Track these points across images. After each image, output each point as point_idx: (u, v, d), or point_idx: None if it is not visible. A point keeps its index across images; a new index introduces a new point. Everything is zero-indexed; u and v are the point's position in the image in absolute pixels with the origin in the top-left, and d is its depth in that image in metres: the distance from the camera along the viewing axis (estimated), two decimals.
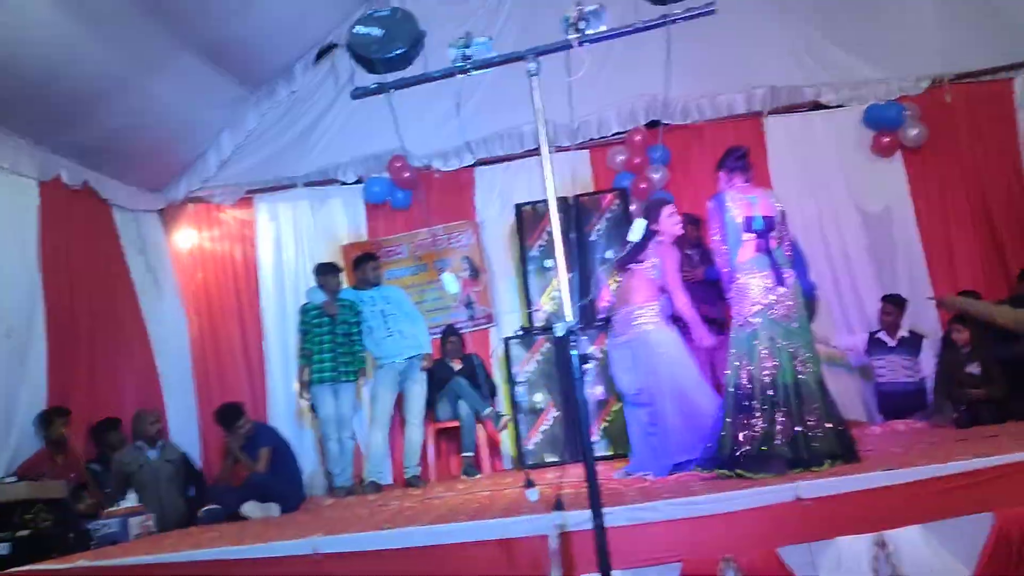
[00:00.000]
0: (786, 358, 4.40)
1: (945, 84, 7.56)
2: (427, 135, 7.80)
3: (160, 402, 7.16)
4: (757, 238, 4.53)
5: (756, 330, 4.44)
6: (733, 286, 4.56)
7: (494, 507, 4.44)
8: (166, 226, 8.02)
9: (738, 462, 4.29)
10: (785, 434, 4.31)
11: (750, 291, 4.48)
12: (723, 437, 4.46)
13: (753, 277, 4.48)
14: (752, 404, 4.38)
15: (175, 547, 4.24)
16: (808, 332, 4.55)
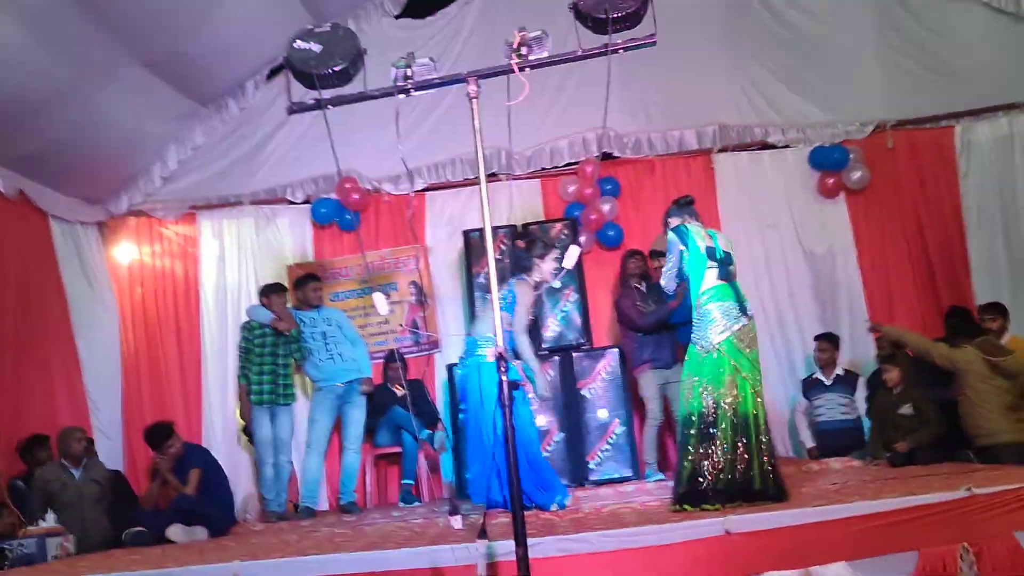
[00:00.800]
0: (747, 388, 4.43)
1: (888, 129, 7.74)
2: (379, 158, 7.78)
3: (86, 420, 6.90)
4: (719, 267, 4.58)
5: (723, 357, 4.44)
6: (696, 312, 4.56)
7: (425, 535, 4.37)
8: (106, 240, 7.81)
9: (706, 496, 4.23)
10: (744, 464, 4.30)
11: (716, 318, 4.49)
12: (685, 468, 4.39)
13: (718, 305, 4.51)
14: (715, 432, 4.36)
15: (91, 570, 4.10)
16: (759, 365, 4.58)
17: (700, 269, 4.59)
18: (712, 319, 4.49)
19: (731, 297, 4.54)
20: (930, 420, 5.88)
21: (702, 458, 4.33)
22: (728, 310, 4.50)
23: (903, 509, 3.65)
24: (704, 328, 4.50)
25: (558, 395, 6.87)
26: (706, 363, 4.45)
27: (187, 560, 4.15)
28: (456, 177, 7.99)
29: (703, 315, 4.53)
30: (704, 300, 4.53)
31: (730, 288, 4.57)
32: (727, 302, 4.52)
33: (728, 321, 4.47)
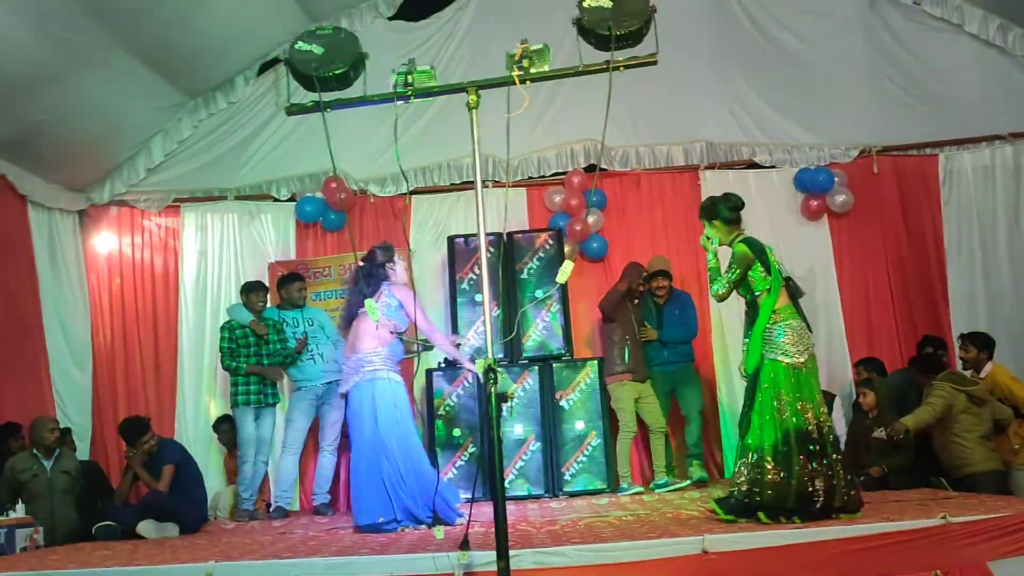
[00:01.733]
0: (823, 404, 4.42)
1: (873, 154, 7.83)
2: (366, 160, 7.78)
3: (51, 411, 6.77)
4: (787, 285, 4.52)
5: (810, 374, 4.38)
6: (773, 329, 4.41)
7: (401, 542, 4.35)
8: (85, 228, 7.73)
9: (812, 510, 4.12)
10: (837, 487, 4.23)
11: (796, 335, 4.40)
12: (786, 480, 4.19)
13: (795, 322, 4.43)
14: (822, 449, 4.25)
15: (62, 564, 4.06)
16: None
17: (777, 286, 4.45)
18: (791, 338, 4.38)
19: (800, 315, 4.50)
20: (904, 445, 5.93)
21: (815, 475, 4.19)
22: (804, 331, 4.44)
23: (878, 535, 3.67)
24: (783, 344, 4.38)
25: (536, 404, 6.88)
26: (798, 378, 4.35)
27: (160, 558, 4.11)
28: (442, 182, 7.99)
29: (778, 332, 4.39)
30: (780, 319, 4.41)
31: (797, 307, 4.51)
32: (798, 321, 4.45)
33: (805, 342, 4.42)
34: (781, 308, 4.43)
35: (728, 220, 4.69)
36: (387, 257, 5.41)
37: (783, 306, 4.44)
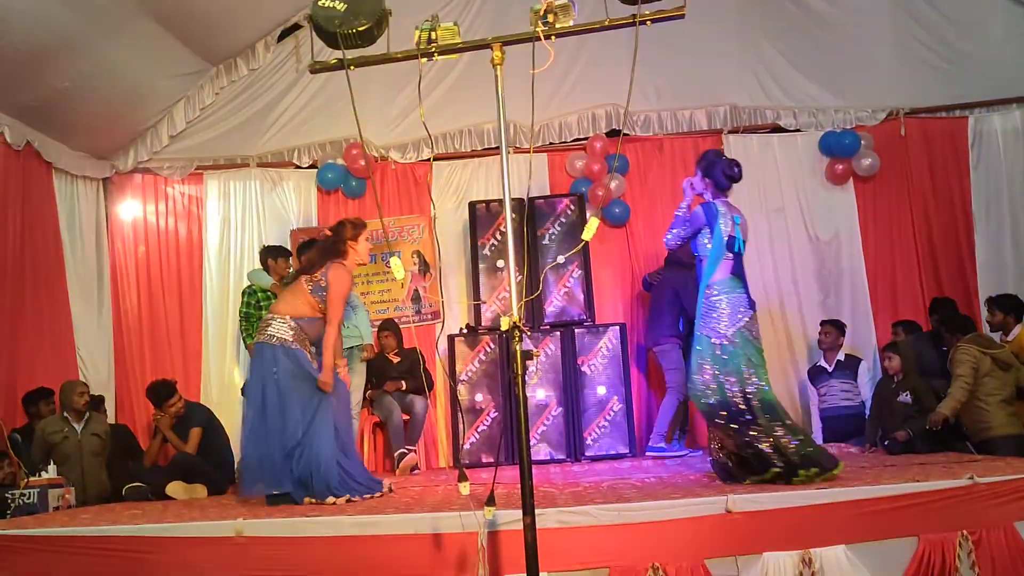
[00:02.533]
0: (763, 376, 4.44)
1: (901, 117, 7.72)
2: (387, 126, 7.77)
3: (74, 376, 6.83)
4: (735, 260, 4.55)
5: (738, 349, 4.42)
6: (705, 301, 4.51)
7: (425, 502, 4.39)
8: (110, 196, 7.79)
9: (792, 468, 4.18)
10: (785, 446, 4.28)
11: (727, 309, 4.45)
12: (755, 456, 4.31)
13: (728, 297, 4.47)
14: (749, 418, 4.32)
15: (93, 522, 4.12)
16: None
17: (717, 258, 4.51)
18: (723, 310, 4.46)
19: (741, 289, 4.52)
20: (929, 408, 5.89)
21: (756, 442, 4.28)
22: (738, 303, 4.48)
23: (904, 495, 3.65)
24: (715, 320, 4.47)
25: (558, 370, 6.90)
26: (724, 353, 4.42)
27: (188, 516, 4.18)
28: (464, 147, 7.97)
29: (712, 306, 4.49)
30: (715, 292, 4.49)
31: (741, 281, 4.54)
32: (737, 294, 4.49)
33: (739, 313, 4.46)
34: (719, 280, 4.50)
35: (719, 184, 4.68)
36: (353, 233, 5.00)
37: (721, 279, 4.50)
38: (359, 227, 5.00)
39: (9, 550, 3.78)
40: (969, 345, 5.77)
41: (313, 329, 4.87)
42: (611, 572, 3.50)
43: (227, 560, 3.63)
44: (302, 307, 4.84)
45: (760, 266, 7.66)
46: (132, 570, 3.67)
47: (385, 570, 3.56)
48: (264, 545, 3.66)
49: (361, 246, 4.99)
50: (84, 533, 3.81)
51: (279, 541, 3.67)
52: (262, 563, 3.62)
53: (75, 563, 3.71)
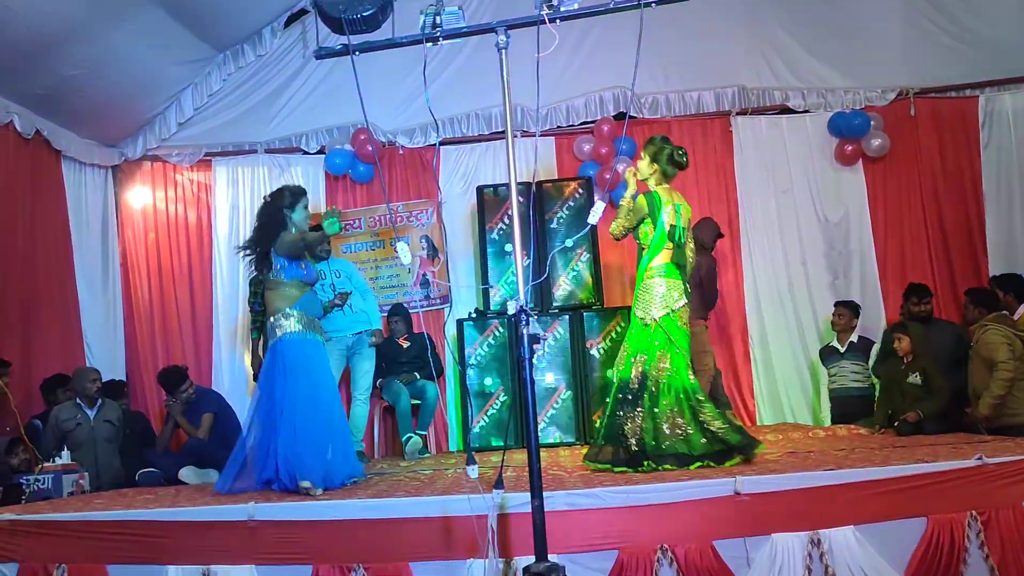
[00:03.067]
0: (683, 362, 4.52)
1: (911, 97, 7.66)
2: (394, 111, 7.77)
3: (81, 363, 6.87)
4: (675, 250, 4.61)
5: (660, 331, 4.51)
6: (642, 284, 4.62)
7: (435, 485, 4.41)
8: (119, 184, 7.83)
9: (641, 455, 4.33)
10: (681, 430, 4.39)
11: (660, 294, 4.54)
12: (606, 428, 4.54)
13: (664, 282, 4.56)
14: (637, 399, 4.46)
15: (107, 506, 4.16)
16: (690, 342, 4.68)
17: (658, 246, 4.58)
18: (656, 294, 4.54)
19: (678, 277, 4.61)
20: (938, 390, 5.88)
21: (624, 421, 4.45)
22: (672, 288, 4.56)
23: (913, 476, 3.65)
24: (647, 301, 4.57)
25: (567, 354, 6.90)
26: (644, 335, 4.53)
27: (202, 501, 4.21)
28: (471, 132, 7.97)
29: (647, 288, 4.58)
30: (652, 274, 4.58)
31: (678, 271, 4.62)
32: (673, 280, 4.58)
33: (670, 299, 4.54)
34: (658, 265, 4.57)
35: (665, 172, 4.72)
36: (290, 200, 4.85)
37: (659, 264, 4.57)
38: (298, 194, 4.87)
39: (25, 535, 3.82)
40: (1000, 325, 5.70)
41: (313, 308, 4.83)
42: (620, 554, 3.51)
43: (239, 544, 3.66)
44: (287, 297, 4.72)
45: (769, 248, 7.66)
46: (146, 554, 3.71)
47: (395, 553, 3.58)
48: (275, 529, 3.69)
49: (298, 214, 4.82)
50: (98, 518, 3.85)
51: (290, 525, 3.70)
52: (273, 546, 3.65)
53: (89, 547, 3.75)
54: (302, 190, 4.94)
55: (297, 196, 4.85)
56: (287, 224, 4.79)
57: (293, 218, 4.81)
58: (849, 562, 3.48)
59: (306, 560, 3.61)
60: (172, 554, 3.69)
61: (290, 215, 4.80)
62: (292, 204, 4.82)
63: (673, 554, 3.49)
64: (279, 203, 4.83)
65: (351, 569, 3.55)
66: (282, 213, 4.80)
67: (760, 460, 4.54)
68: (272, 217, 4.81)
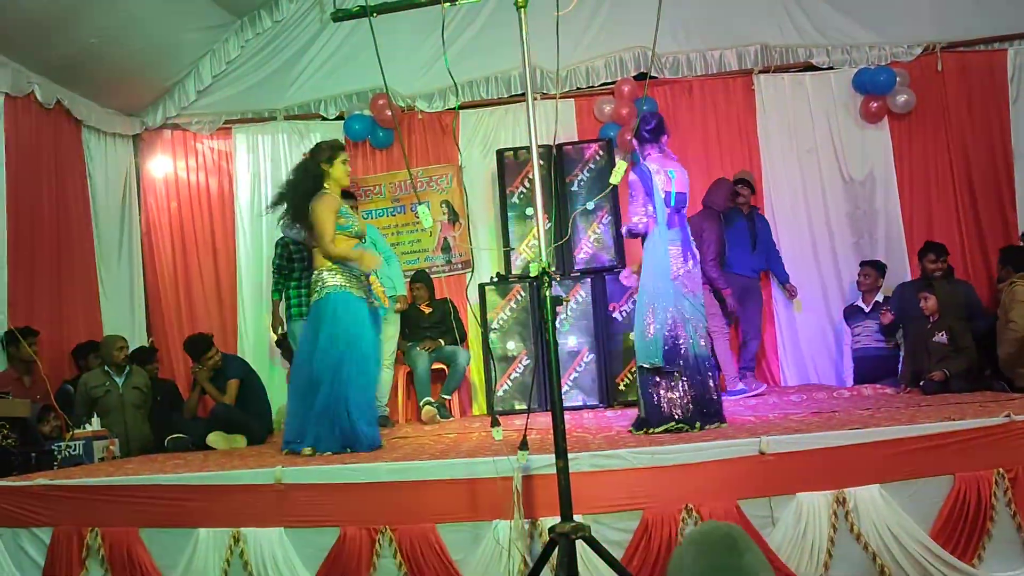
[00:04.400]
0: (691, 330, 4.48)
1: (937, 52, 7.50)
2: (412, 75, 7.71)
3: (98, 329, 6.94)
4: (670, 213, 4.55)
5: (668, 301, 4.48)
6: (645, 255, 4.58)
7: (459, 448, 4.44)
8: (140, 153, 7.87)
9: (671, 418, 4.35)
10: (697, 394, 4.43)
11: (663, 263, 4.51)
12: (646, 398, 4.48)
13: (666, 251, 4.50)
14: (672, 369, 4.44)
15: (137, 471, 4.22)
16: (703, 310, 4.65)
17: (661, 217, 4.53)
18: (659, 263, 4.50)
19: (678, 242, 4.55)
20: (964, 349, 5.83)
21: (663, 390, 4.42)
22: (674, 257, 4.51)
23: (939, 434, 3.62)
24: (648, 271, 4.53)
25: (589, 317, 6.90)
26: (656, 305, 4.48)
27: (229, 465, 4.27)
28: (490, 95, 7.90)
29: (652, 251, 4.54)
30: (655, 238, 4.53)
31: (678, 233, 4.57)
32: (675, 246, 4.53)
33: (674, 267, 4.50)
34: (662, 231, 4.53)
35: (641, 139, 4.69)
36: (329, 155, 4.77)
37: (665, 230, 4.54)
38: (336, 148, 4.80)
39: (58, 499, 3.89)
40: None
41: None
42: (645, 514, 3.53)
43: (267, 507, 3.72)
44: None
45: (792, 208, 7.58)
46: (176, 517, 3.78)
47: (421, 515, 3.61)
48: (303, 492, 3.73)
49: (336, 169, 4.75)
50: (130, 482, 3.91)
51: (317, 488, 3.74)
52: (301, 509, 3.70)
53: (122, 511, 3.82)
54: (340, 144, 4.88)
55: (335, 151, 4.79)
56: (325, 180, 4.73)
57: (332, 174, 4.75)
58: (875, 520, 3.47)
59: (334, 522, 3.66)
60: (202, 517, 3.75)
61: (328, 170, 4.74)
62: (330, 159, 4.75)
63: (698, 514, 3.50)
64: (317, 158, 4.78)
65: (378, 531, 3.60)
66: (320, 169, 4.74)
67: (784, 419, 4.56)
68: (310, 172, 4.77)
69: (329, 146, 4.83)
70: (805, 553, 3.47)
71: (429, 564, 3.52)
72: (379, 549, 3.59)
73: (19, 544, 3.89)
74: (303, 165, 4.86)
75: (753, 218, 7.16)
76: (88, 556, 3.78)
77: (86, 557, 3.77)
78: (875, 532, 3.47)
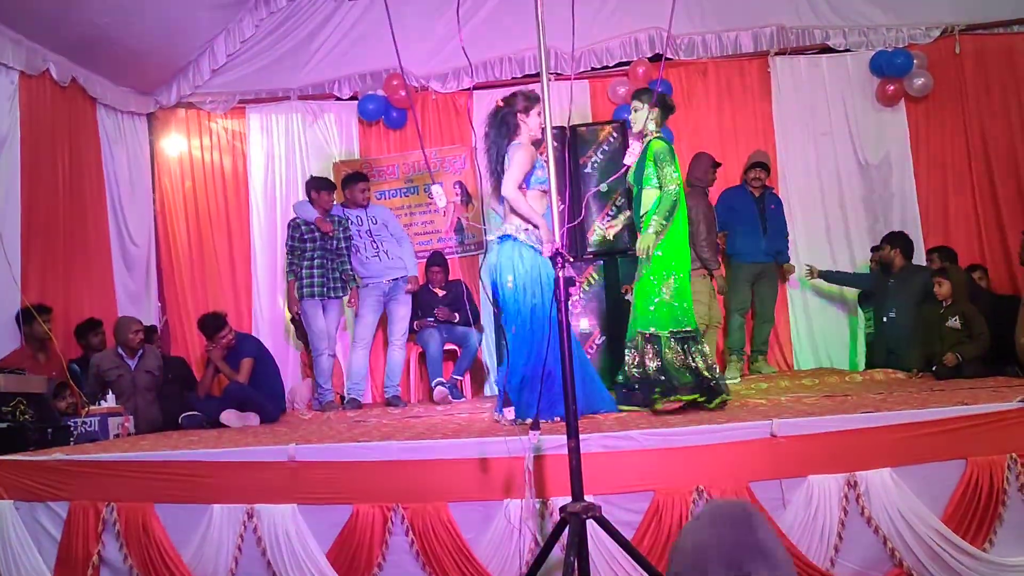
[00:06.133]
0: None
1: (956, 34, 7.42)
2: (426, 55, 7.68)
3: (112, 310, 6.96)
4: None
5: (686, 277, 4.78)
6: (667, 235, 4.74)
7: (471, 428, 4.46)
8: (154, 131, 7.88)
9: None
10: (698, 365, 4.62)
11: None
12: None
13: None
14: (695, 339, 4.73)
15: (152, 447, 4.26)
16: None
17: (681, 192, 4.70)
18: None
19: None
20: (978, 334, 5.81)
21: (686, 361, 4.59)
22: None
23: (952, 418, 3.62)
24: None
25: (601, 299, 6.88)
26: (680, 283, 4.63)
27: (243, 442, 4.30)
28: (503, 76, 7.86)
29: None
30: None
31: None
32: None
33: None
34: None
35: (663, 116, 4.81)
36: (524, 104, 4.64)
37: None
38: (532, 99, 4.64)
39: (74, 474, 3.94)
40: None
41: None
42: (655, 495, 3.54)
43: (280, 483, 3.74)
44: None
45: (807, 191, 7.53)
46: (190, 493, 3.81)
47: (434, 493, 3.64)
48: (315, 469, 3.76)
49: (532, 119, 4.63)
50: (145, 458, 3.96)
51: (330, 465, 3.77)
52: (314, 486, 3.73)
53: (137, 486, 3.86)
54: (537, 96, 4.68)
55: (532, 101, 4.65)
56: (520, 128, 4.65)
57: (529, 123, 4.65)
58: (886, 504, 3.47)
59: (346, 500, 3.69)
60: (217, 493, 3.79)
61: (524, 120, 4.65)
62: (526, 109, 4.64)
63: (709, 495, 3.51)
64: (513, 107, 4.69)
65: (391, 508, 3.62)
66: (515, 117, 4.66)
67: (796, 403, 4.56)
68: (504, 120, 4.68)
69: (524, 95, 4.69)
70: (816, 536, 3.48)
71: (441, 542, 3.55)
72: (391, 527, 3.62)
73: (36, 518, 3.94)
74: (497, 112, 4.75)
75: (764, 200, 7.12)
76: (104, 530, 3.82)
77: (102, 531, 3.82)
78: (886, 516, 3.47)
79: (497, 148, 4.72)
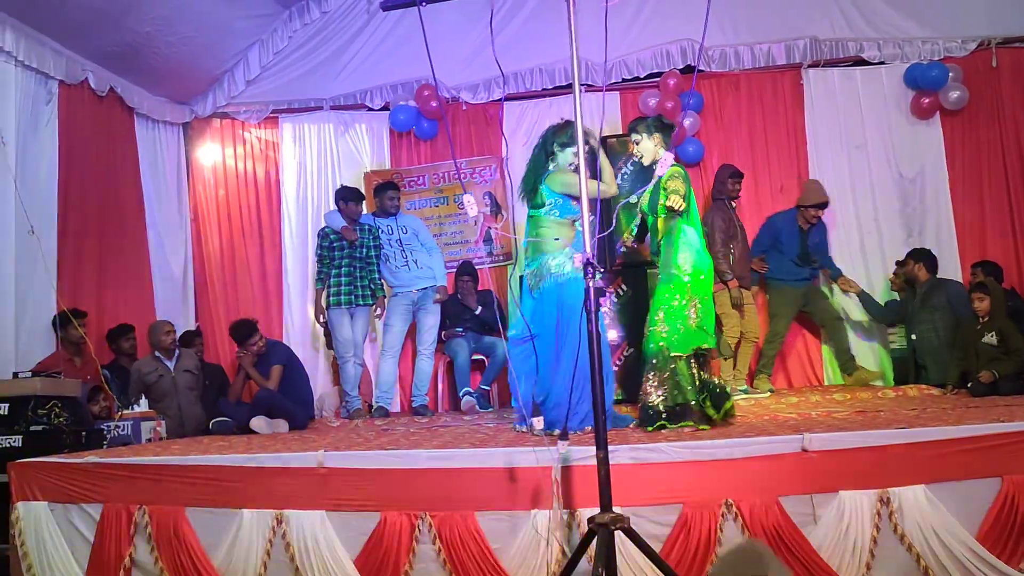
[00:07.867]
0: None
1: (992, 47, 7.34)
2: (457, 66, 7.72)
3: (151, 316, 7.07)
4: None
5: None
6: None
7: (499, 438, 4.46)
8: (190, 141, 8.01)
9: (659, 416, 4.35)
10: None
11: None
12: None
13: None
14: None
15: (183, 452, 4.30)
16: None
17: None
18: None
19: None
20: (1015, 350, 5.72)
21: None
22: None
23: (987, 435, 3.55)
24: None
25: (629, 310, 6.86)
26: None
27: (274, 448, 4.33)
28: (534, 87, 7.89)
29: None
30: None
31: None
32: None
33: None
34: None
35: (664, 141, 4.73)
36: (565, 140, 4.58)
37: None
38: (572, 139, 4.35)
39: (107, 477, 3.99)
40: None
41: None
42: (684, 508, 3.51)
43: (309, 489, 3.77)
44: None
45: (841, 205, 7.46)
46: (221, 497, 3.84)
47: (461, 502, 3.64)
48: (343, 476, 3.78)
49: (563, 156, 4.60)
50: (176, 462, 4.00)
51: (357, 472, 3.78)
52: (341, 493, 3.75)
53: (169, 490, 3.90)
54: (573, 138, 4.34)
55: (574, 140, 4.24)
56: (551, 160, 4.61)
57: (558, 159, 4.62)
58: (919, 521, 3.42)
59: (375, 507, 3.70)
60: (247, 498, 3.82)
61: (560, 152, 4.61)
62: (563, 145, 4.58)
63: (738, 509, 3.48)
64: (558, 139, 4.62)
65: (418, 517, 3.63)
66: (553, 147, 4.62)
67: (827, 417, 4.50)
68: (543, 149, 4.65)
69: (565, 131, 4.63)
70: (847, 552, 3.43)
71: (468, 551, 3.54)
72: (419, 535, 3.62)
73: (70, 519, 4.00)
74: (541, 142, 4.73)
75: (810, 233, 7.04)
76: (136, 533, 3.87)
77: (134, 534, 3.87)
78: (919, 533, 3.42)
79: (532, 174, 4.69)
